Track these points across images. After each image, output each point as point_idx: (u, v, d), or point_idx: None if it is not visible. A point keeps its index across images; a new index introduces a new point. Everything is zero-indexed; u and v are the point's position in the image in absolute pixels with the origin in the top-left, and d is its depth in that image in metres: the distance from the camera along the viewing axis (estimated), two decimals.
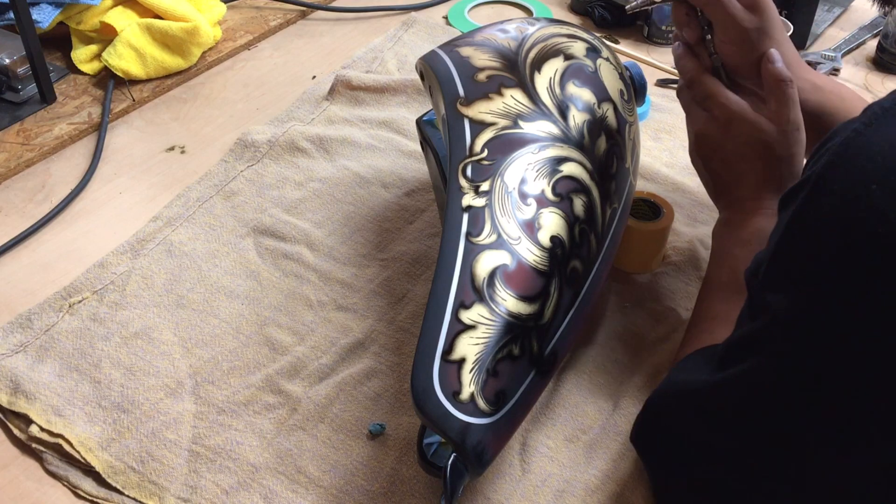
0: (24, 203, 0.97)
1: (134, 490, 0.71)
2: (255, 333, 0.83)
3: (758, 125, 0.78)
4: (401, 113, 1.09)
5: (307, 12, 1.30)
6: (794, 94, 0.78)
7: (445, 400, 0.61)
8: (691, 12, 0.82)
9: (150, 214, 0.95)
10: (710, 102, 0.80)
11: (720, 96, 0.80)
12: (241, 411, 0.76)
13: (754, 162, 0.79)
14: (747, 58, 0.80)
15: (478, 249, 0.66)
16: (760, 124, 0.78)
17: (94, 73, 1.13)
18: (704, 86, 0.81)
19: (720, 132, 0.80)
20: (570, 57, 0.78)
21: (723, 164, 0.80)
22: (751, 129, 0.78)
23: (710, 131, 0.80)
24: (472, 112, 0.73)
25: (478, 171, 0.70)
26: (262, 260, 0.90)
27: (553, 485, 0.72)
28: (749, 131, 0.78)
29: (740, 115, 0.78)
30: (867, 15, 1.32)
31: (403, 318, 0.84)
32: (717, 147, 0.80)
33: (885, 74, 1.21)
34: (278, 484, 0.71)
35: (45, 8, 1.11)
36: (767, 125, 0.78)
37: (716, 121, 0.80)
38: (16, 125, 1.05)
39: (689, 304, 0.86)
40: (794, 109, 0.78)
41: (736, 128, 0.79)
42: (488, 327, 0.63)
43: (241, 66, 1.20)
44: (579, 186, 0.71)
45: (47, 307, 0.84)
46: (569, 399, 0.78)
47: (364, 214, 0.95)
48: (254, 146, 1.02)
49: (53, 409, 0.75)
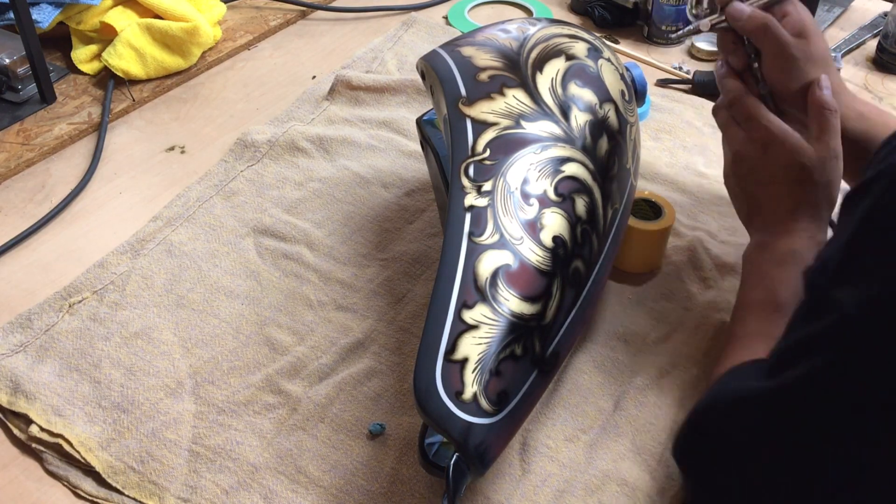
0: (24, 203, 0.97)
1: (134, 490, 0.71)
2: (255, 333, 0.83)
3: (798, 149, 0.78)
4: (401, 113, 1.09)
5: (307, 12, 1.30)
6: (837, 123, 0.78)
7: (448, 400, 0.61)
8: (738, 40, 0.81)
9: (150, 214, 0.95)
10: (751, 123, 0.80)
11: (762, 118, 0.79)
12: (241, 411, 0.76)
13: (792, 186, 0.78)
14: (794, 85, 0.80)
15: (480, 249, 0.66)
16: (801, 149, 0.78)
17: (94, 73, 1.13)
18: (746, 106, 0.80)
19: (759, 154, 0.79)
20: (572, 57, 0.78)
21: (759, 185, 0.80)
22: (790, 153, 0.78)
23: (749, 152, 0.80)
24: (474, 112, 0.73)
25: (480, 170, 0.70)
26: (262, 260, 0.90)
27: (553, 485, 0.72)
28: (789, 155, 0.78)
29: (781, 137, 0.78)
30: (867, 15, 1.33)
31: (403, 318, 0.84)
32: (754, 168, 0.80)
33: (885, 74, 1.21)
34: (278, 484, 0.71)
35: (45, 8, 1.11)
36: (808, 150, 0.78)
37: (755, 142, 0.79)
38: (16, 125, 1.05)
39: (689, 304, 0.86)
40: (835, 138, 0.78)
41: (775, 150, 0.78)
42: (491, 327, 0.63)
43: (241, 66, 1.20)
44: (581, 187, 0.71)
45: (47, 307, 0.83)
46: (569, 399, 0.78)
47: (364, 214, 0.95)
48: (254, 146, 1.02)
49: (53, 409, 0.75)
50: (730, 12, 0.81)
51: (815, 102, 0.78)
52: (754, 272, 0.78)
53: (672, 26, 1.24)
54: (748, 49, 0.81)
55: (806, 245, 0.77)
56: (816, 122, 0.78)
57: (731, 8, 0.81)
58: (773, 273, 0.76)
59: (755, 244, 0.80)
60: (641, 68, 0.89)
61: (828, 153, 0.78)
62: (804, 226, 0.78)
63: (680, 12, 1.22)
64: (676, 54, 1.24)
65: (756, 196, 0.81)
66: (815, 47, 0.80)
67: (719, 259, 0.91)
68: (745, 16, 0.79)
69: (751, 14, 0.79)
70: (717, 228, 0.94)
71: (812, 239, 0.77)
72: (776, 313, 0.73)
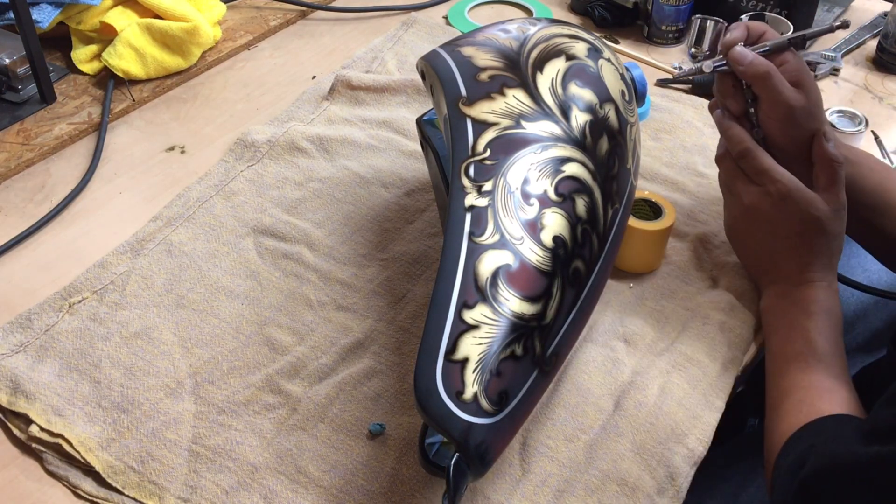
0: (24, 203, 0.97)
1: (134, 490, 0.71)
2: (255, 333, 0.83)
3: (813, 203, 0.79)
4: (401, 113, 1.09)
5: (307, 12, 1.30)
6: (843, 175, 0.80)
7: (448, 400, 0.61)
8: (738, 85, 0.82)
9: (150, 214, 0.94)
10: (764, 178, 0.81)
11: (775, 172, 0.80)
12: (241, 411, 0.76)
13: (808, 238, 0.80)
14: (789, 134, 0.81)
15: (481, 249, 0.66)
16: (815, 202, 0.79)
17: (94, 73, 1.13)
18: (759, 160, 0.81)
19: (774, 208, 0.80)
20: (572, 57, 0.78)
21: (776, 238, 0.82)
22: (806, 208, 0.79)
23: (764, 206, 0.81)
24: (474, 112, 0.73)
25: (480, 170, 0.70)
26: (262, 260, 0.90)
27: (553, 485, 0.72)
28: (804, 209, 0.79)
29: (797, 193, 0.79)
30: (867, 15, 1.33)
31: (403, 318, 0.84)
32: (768, 222, 0.81)
33: (885, 74, 1.21)
34: (278, 484, 0.71)
35: (45, 8, 1.11)
36: (822, 204, 0.79)
37: (770, 196, 0.80)
38: (16, 125, 1.05)
39: (689, 304, 0.86)
40: (842, 190, 0.80)
41: (791, 205, 0.80)
42: (492, 327, 0.63)
43: (241, 66, 1.20)
44: (581, 187, 0.71)
45: (47, 307, 0.83)
46: (569, 399, 0.78)
47: (364, 214, 0.95)
48: (254, 146, 1.02)
49: (53, 408, 0.75)
50: (732, 56, 0.81)
51: (825, 156, 0.80)
52: (784, 323, 0.80)
53: (672, 26, 1.24)
54: (747, 94, 0.82)
55: (826, 294, 0.80)
56: (826, 175, 0.80)
57: (733, 52, 0.81)
58: (805, 323, 0.78)
59: (775, 294, 0.82)
60: (641, 68, 0.89)
61: (839, 205, 0.80)
62: (821, 275, 0.80)
63: (680, 12, 1.22)
64: (676, 54, 1.24)
65: (771, 248, 0.82)
66: (812, 99, 0.81)
67: (719, 259, 0.91)
68: (748, 61, 0.80)
69: (752, 60, 0.80)
70: (717, 228, 0.94)
71: (829, 288, 0.80)
72: (819, 363, 0.75)
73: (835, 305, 0.80)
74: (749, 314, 0.86)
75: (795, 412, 0.73)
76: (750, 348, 0.84)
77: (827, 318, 0.78)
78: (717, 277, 0.90)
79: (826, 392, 0.73)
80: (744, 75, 0.81)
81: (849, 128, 1.07)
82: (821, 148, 0.81)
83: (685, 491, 0.73)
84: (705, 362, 0.81)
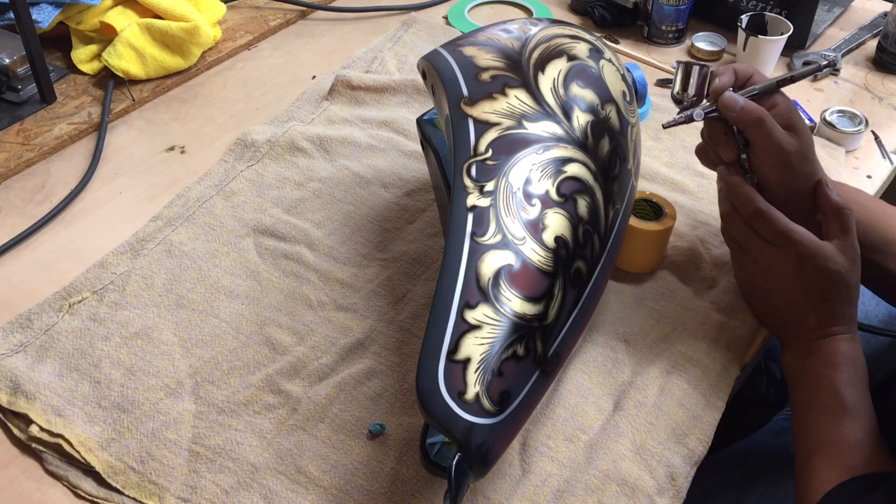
0: (24, 203, 0.97)
1: (134, 490, 0.71)
2: (255, 333, 0.83)
3: (832, 258, 0.77)
4: (401, 113, 1.09)
5: (307, 12, 1.30)
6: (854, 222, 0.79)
7: (450, 400, 0.61)
8: (730, 131, 0.81)
9: (150, 214, 0.94)
10: (780, 238, 0.78)
11: (794, 233, 0.78)
12: (241, 411, 0.76)
13: (830, 292, 0.78)
14: (784, 178, 0.80)
15: (483, 249, 0.66)
16: (834, 258, 0.78)
17: (94, 73, 1.13)
18: (775, 222, 0.78)
19: (794, 267, 0.78)
20: (574, 58, 0.78)
21: (796, 295, 0.79)
22: (825, 263, 0.77)
23: (782, 266, 0.79)
24: (476, 112, 0.73)
25: (482, 170, 0.70)
26: (262, 260, 0.90)
27: (553, 485, 0.72)
28: (824, 265, 0.77)
29: (816, 250, 0.77)
30: (867, 15, 1.33)
31: (403, 318, 0.84)
32: (788, 280, 0.79)
33: (885, 74, 1.22)
34: (278, 484, 0.71)
35: (45, 8, 1.11)
36: (840, 257, 0.78)
37: (787, 256, 0.78)
38: (16, 125, 1.05)
39: (689, 304, 0.86)
40: (854, 237, 0.79)
41: (810, 263, 0.78)
42: (494, 327, 0.63)
43: (240, 66, 1.20)
44: (583, 187, 0.71)
45: (47, 307, 0.83)
46: (569, 399, 0.78)
47: (364, 214, 0.95)
48: (254, 146, 1.02)
49: (53, 408, 0.75)
50: (723, 102, 0.79)
51: (833, 205, 0.79)
52: (810, 378, 0.78)
53: (672, 26, 1.24)
54: (738, 139, 0.80)
55: (850, 345, 0.78)
56: (838, 224, 0.79)
57: (724, 98, 0.79)
58: (831, 376, 0.76)
59: (798, 353, 0.80)
60: (641, 68, 0.88)
61: (854, 254, 0.78)
62: (843, 328, 0.78)
63: (680, 12, 1.23)
64: (676, 54, 1.24)
65: (791, 306, 0.80)
66: (805, 142, 0.80)
67: (719, 259, 0.91)
68: (739, 107, 0.78)
69: (744, 106, 0.78)
70: (716, 229, 0.94)
71: (853, 338, 0.78)
72: (847, 416, 0.73)
73: (859, 356, 0.78)
74: (749, 314, 0.86)
75: (826, 468, 0.72)
76: (750, 348, 0.84)
77: (852, 369, 0.76)
78: (717, 277, 0.90)
79: (857, 447, 0.72)
80: (736, 121, 0.79)
81: (849, 128, 1.07)
82: (826, 197, 0.79)
83: (685, 491, 0.73)
84: (705, 362, 0.81)
